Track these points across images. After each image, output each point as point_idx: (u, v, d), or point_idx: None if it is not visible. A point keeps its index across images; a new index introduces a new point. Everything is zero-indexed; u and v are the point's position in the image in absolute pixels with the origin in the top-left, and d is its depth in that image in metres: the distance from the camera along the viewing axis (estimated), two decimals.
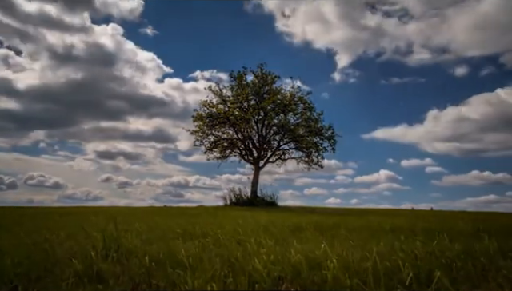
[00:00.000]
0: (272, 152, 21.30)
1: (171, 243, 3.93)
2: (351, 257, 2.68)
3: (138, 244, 3.64)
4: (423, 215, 14.24)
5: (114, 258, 2.97)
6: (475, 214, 15.65)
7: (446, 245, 3.19)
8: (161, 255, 2.81)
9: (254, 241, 3.86)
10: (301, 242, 4.08)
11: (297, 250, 3.14)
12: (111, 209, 14.80)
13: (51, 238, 3.94)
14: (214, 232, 4.86)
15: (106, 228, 5.00)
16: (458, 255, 2.86)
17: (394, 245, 3.40)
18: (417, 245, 3.22)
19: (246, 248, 3.42)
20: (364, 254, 2.83)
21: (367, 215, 12.98)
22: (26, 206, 20.03)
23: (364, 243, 3.75)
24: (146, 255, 2.72)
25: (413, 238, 4.35)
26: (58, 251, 3.31)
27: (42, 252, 3.18)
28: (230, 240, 4.12)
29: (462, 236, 4.62)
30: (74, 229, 5.38)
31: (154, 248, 3.53)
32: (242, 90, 20.44)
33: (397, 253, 2.88)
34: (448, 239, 3.80)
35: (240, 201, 19.70)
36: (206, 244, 3.80)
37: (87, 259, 2.78)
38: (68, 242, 3.81)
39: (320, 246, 3.67)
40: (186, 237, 4.63)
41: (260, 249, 3.31)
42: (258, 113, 20.68)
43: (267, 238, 4.23)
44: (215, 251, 3.27)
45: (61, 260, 2.95)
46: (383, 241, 3.96)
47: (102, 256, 2.97)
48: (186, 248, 3.39)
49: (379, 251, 3.16)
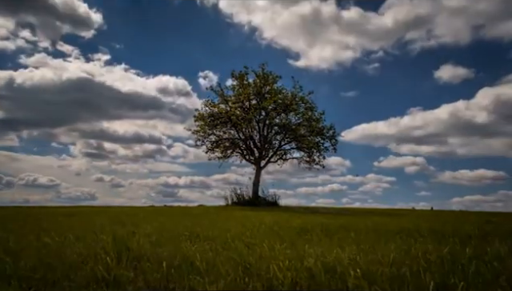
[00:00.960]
0: (273, 152, 21.30)
1: (181, 245, 3.93)
2: (365, 261, 2.68)
3: (147, 247, 3.63)
4: (425, 215, 14.26)
5: (127, 262, 2.96)
6: (475, 214, 15.71)
7: (458, 249, 3.19)
8: (177, 260, 2.79)
9: (264, 244, 3.87)
10: (309, 245, 4.09)
11: (309, 254, 3.15)
12: (113, 209, 14.75)
13: (61, 241, 3.93)
14: (221, 234, 4.86)
15: (116, 230, 5.03)
16: (471, 259, 2.86)
17: (406, 249, 3.40)
18: (428, 248, 3.22)
19: (257, 251, 3.43)
20: (377, 258, 2.83)
21: (370, 215, 13.00)
22: (26, 206, 20.03)
23: (374, 246, 3.75)
24: (163, 261, 2.71)
25: (421, 241, 4.36)
26: (70, 254, 3.31)
27: (54, 255, 3.17)
28: (238, 242, 4.12)
29: (470, 238, 4.63)
30: (81, 230, 5.38)
31: (165, 251, 3.53)
32: (243, 90, 20.42)
33: (410, 257, 2.88)
34: (457, 242, 3.82)
35: (241, 201, 19.70)
36: (216, 246, 3.80)
37: (101, 263, 2.77)
38: (77, 244, 3.80)
39: (330, 249, 3.69)
40: (194, 239, 4.63)
41: (271, 252, 3.31)
42: (259, 113, 20.67)
43: (275, 240, 4.24)
44: (226, 254, 3.27)
45: (74, 263, 2.95)
46: (393, 244, 3.97)
47: (114, 260, 2.96)
48: (198, 251, 3.39)
49: (390, 254, 3.17)
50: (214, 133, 21.27)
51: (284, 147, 21.48)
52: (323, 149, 20.74)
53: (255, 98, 20.73)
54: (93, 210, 13.95)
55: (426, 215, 14.82)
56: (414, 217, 11.12)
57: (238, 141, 21.35)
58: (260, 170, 20.81)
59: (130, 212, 12.81)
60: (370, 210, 18.72)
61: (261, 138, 21.10)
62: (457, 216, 14.51)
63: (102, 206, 20.46)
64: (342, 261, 2.72)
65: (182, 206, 21.73)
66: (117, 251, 3.27)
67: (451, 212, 20.91)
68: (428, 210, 23.56)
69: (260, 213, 12.85)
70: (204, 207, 20.21)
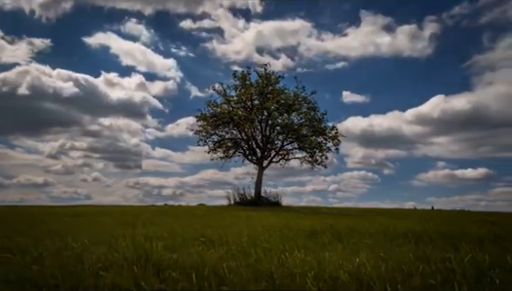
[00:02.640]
0: (276, 152, 21.31)
1: (197, 250, 3.93)
2: (387, 270, 2.69)
3: (165, 252, 3.63)
4: (428, 216, 14.30)
5: (147, 270, 2.96)
6: (475, 214, 15.76)
7: (476, 256, 3.20)
8: (199, 268, 2.79)
9: (280, 250, 3.88)
10: (324, 249, 4.10)
11: (329, 261, 3.16)
12: (115, 209, 14.72)
13: (79, 246, 3.93)
14: (234, 238, 4.86)
15: (128, 233, 5.03)
16: (492, 267, 2.86)
17: (422, 255, 3.42)
18: (448, 255, 3.22)
19: (275, 257, 3.43)
20: (399, 266, 2.84)
21: (372, 215, 13.03)
22: (24, 205, 19.97)
23: (389, 252, 3.76)
24: (185, 268, 2.71)
25: (434, 245, 4.38)
26: (90, 260, 3.31)
27: (75, 261, 3.17)
28: (253, 247, 4.12)
29: (482, 242, 4.63)
30: (94, 233, 5.38)
31: (181, 256, 3.53)
32: (245, 90, 20.41)
33: (431, 265, 2.89)
34: (471, 247, 3.81)
35: (244, 201, 19.72)
36: (233, 252, 3.80)
37: (125, 271, 2.78)
38: (95, 250, 3.80)
39: (345, 254, 3.70)
40: (208, 243, 4.62)
41: (290, 258, 3.32)
42: (261, 113, 20.67)
43: (289, 245, 4.25)
44: (246, 261, 3.27)
45: (96, 270, 2.95)
46: (407, 249, 3.98)
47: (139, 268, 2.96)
48: (216, 258, 3.40)
49: (410, 261, 3.19)
50: (216, 133, 21.28)
51: (286, 147, 21.51)
52: (325, 149, 20.77)
53: (258, 98, 20.72)
54: (96, 210, 13.93)
55: (429, 215, 14.87)
56: (418, 218, 11.13)
57: (240, 141, 21.36)
58: (262, 170, 20.83)
59: (134, 212, 12.80)
60: (372, 210, 18.74)
61: (263, 138, 21.11)
62: (459, 216, 14.58)
63: (104, 206, 20.44)
64: (364, 269, 2.72)
65: (183, 206, 21.75)
66: (136, 257, 3.27)
67: (450, 211, 21.04)
68: (429, 210, 23.66)
69: (264, 213, 12.85)
70: (205, 207, 20.22)
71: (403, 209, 23.89)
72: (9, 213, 12.08)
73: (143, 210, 14.08)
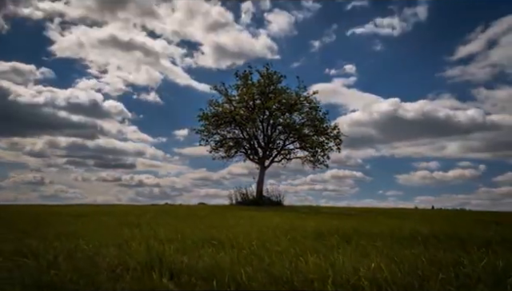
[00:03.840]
0: (277, 151, 21.32)
1: (207, 252, 3.94)
2: (403, 275, 2.69)
3: (177, 256, 3.63)
4: (429, 215, 14.33)
5: (162, 274, 2.96)
6: (476, 214, 15.79)
7: (490, 260, 3.20)
8: (215, 273, 2.80)
9: (290, 253, 3.89)
10: (331, 252, 4.11)
11: (342, 265, 3.17)
12: (115, 209, 14.67)
13: (90, 248, 3.93)
14: (243, 240, 4.87)
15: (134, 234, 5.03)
16: (506, 271, 2.86)
17: (436, 258, 3.42)
18: (461, 259, 3.23)
19: (287, 261, 3.43)
20: (415, 272, 2.84)
21: (374, 216, 13.05)
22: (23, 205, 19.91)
23: (400, 255, 3.77)
24: (201, 273, 2.71)
25: (444, 248, 4.38)
26: (103, 263, 3.32)
27: (88, 265, 3.17)
28: (264, 250, 4.13)
29: (490, 244, 4.64)
30: (101, 235, 5.38)
31: (192, 259, 3.54)
32: (247, 90, 20.40)
33: (445, 270, 2.90)
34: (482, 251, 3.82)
35: (246, 201, 19.73)
36: (243, 255, 3.80)
37: (142, 276, 2.78)
38: (106, 252, 3.80)
39: (355, 257, 3.71)
40: (217, 245, 4.62)
41: (302, 262, 3.33)
42: (263, 113, 20.67)
43: (296, 247, 4.26)
44: (259, 265, 3.27)
45: (111, 275, 2.95)
46: (418, 252, 3.99)
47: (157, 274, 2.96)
48: (228, 261, 3.40)
49: (423, 266, 3.19)
50: (218, 133, 21.28)
51: (288, 147, 21.53)
52: (327, 149, 20.78)
53: (259, 98, 20.72)
54: (97, 210, 13.87)
55: (430, 215, 14.90)
56: (420, 219, 11.15)
57: (241, 141, 21.36)
58: (264, 170, 20.83)
59: (136, 212, 12.76)
60: (374, 210, 18.76)
61: (265, 138, 21.12)
62: (460, 216, 14.61)
63: (105, 205, 20.43)
64: (380, 274, 2.73)
65: (184, 205, 21.73)
66: (150, 261, 3.28)
67: (450, 211, 21.09)
68: (429, 210, 23.71)
69: (267, 213, 12.86)
70: (207, 206, 20.22)
71: (403, 208, 23.94)
72: (10, 213, 12.05)
73: (145, 210, 14.04)
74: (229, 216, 11.39)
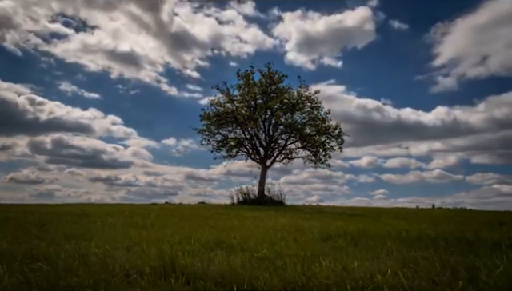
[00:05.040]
0: (279, 151, 21.35)
1: (212, 255, 3.94)
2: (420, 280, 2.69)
3: (190, 260, 3.63)
4: (432, 216, 14.32)
5: (176, 279, 2.96)
6: (477, 214, 15.80)
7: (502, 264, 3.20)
8: (228, 277, 2.80)
9: (300, 256, 3.89)
10: (341, 254, 4.11)
11: (357, 270, 3.17)
12: (116, 209, 14.60)
13: (100, 252, 3.92)
14: (251, 243, 4.87)
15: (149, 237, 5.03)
16: None
17: (449, 263, 3.42)
18: (476, 264, 3.23)
19: (299, 266, 3.43)
20: (428, 276, 2.83)
21: (376, 216, 13.04)
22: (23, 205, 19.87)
23: (411, 259, 3.77)
24: (217, 279, 2.70)
25: (453, 251, 4.39)
26: (115, 266, 3.31)
27: (101, 269, 3.17)
28: (274, 253, 4.13)
29: (499, 247, 4.64)
30: (107, 236, 5.38)
31: (203, 262, 3.54)
32: (249, 89, 20.41)
33: (459, 275, 2.89)
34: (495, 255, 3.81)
35: (247, 201, 19.75)
36: (255, 259, 3.81)
37: (156, 279, 2.77)
38: (118, 255, 3.80)
39: (366, 261, 3.71)
40: (226, 248, 4.63)
41: (316, 267, 3.32)
42: (265, 113, 20.67)
43: (306, 250, 4.26)
44: (272, 269, 3.27)
45: (124, 279, 2.95)
46: (428, 254, 3.99)
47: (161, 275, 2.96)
48: (240, 265, 3.40)
49: (437, 270, 3.19)
50: (219, 133, 21.31)
51: (290, 146, 21.54)
52: (329, 149, 20.80)
53: (261, 98, 20.73)
54: (99, 210, 13.83)
55: (433, 215, 14.89)
56: (424, 219, 11.14)
57: (243, 141, 21.37)
58: (266, 169, 20.85)
59: (139, 212, 12.74)
60: (374, 210, 18.78)
61: (266, 137, 21.14)
62: (462, 216, 14.60)
63: (106, 204, 20.42)
64: (397, 280, 2.73)
65: (185, 205, 21.72)
66: (162, 265, 3.27)
67: (451, 210, 21.09)
68: (430, 209, 23.72)
69: (269, 213, 12.86)
70: (210, 206, 20.21)
71: (405, 208, 23.96)
72: (11, 213, 12.03)
73: (148, 210, 14.04)
74: (232, 216, 11.39)
